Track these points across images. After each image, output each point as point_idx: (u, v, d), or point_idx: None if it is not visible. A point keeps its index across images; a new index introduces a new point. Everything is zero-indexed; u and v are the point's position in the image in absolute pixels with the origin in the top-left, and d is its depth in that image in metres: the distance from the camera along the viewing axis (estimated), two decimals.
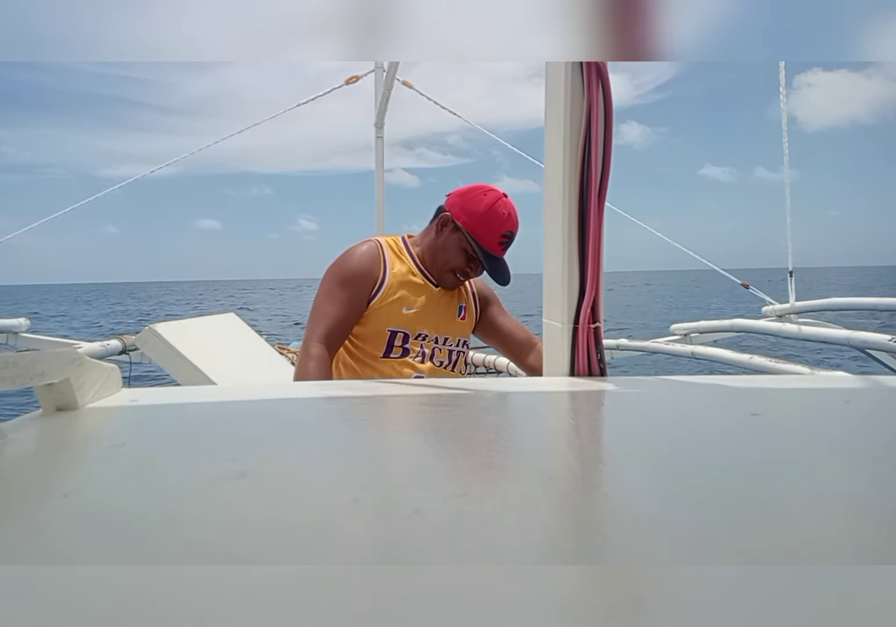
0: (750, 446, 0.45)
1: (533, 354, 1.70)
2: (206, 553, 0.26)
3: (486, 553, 0.26)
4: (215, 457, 0.41)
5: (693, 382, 0.72)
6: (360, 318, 1.51)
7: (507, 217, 1.55)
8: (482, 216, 1.54)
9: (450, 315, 1.63)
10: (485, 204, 1.55)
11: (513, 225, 1.57)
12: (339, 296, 1.49)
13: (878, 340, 2.29)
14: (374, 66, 4.40)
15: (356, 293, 1.50)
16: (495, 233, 1.54)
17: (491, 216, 1.54)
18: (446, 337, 1.59)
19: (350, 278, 1.51)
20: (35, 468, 0.40)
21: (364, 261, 1.53)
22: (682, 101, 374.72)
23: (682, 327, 3.61)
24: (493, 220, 1.55)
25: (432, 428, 0.53)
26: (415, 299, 1.56)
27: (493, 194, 1.57)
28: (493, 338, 1.76)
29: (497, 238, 1.55)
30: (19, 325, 3.33)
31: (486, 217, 1.54)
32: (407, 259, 1.61)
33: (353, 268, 1.52)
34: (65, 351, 0.50)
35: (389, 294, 1.52)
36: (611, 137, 0.81)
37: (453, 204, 1.60)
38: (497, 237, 1.55)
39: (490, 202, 1.56)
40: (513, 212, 1.57)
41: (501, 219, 1.55)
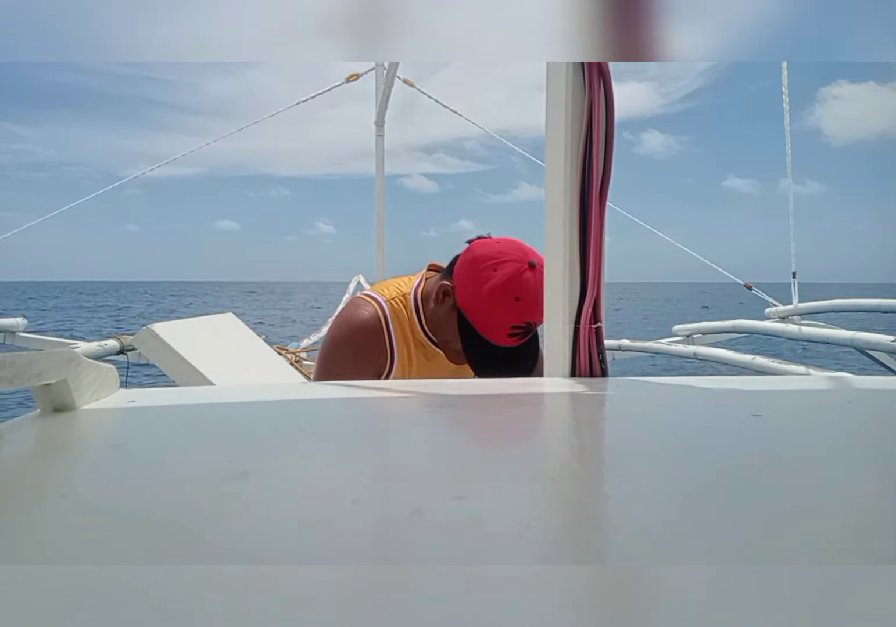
0: (752, 447, 0.45)
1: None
2: (205, 554, 0.26)
3: (486, 553, 0.26)
4: (214, 458, 0.41)
5: (695, 383, 0.72)
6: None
7: (520, 304, 1.13)
8: (484, 301, 1.15)
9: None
10: (491, 284, 1.14)
11: (531, 314, 1.13)
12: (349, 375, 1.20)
13: (880, 341, 2.29)
14: (374, 64, 4.41)
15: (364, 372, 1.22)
16: (501, 323, 1.15)
17: (497, 302, 1.14)
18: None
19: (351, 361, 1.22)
20: (32, 469, 0.40)
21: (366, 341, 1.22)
22: (709, 110, 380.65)
23: (684, 328, 3.62)
24: (500, 308, 1.15)
25: (432, 428, 0.53)
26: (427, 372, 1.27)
27: (509, 268, 1.14)
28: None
29: (504, 330, 1.15)
30: (17, 325, 3.32)
31: (491, 303, 1.15)
32: (416, 328, 1.26)
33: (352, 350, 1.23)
34: (62, 352, 0.50)
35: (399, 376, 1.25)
36: (612, 138, 0.81)
37: (460, 270, 1.20)
38: (504, 329, 1.15)
39: (498, 282, 1.14)
40: (531, 296, 1.11)
41: (512, 308, 1.14)
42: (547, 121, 0.84)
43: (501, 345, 1.17)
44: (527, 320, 1.15)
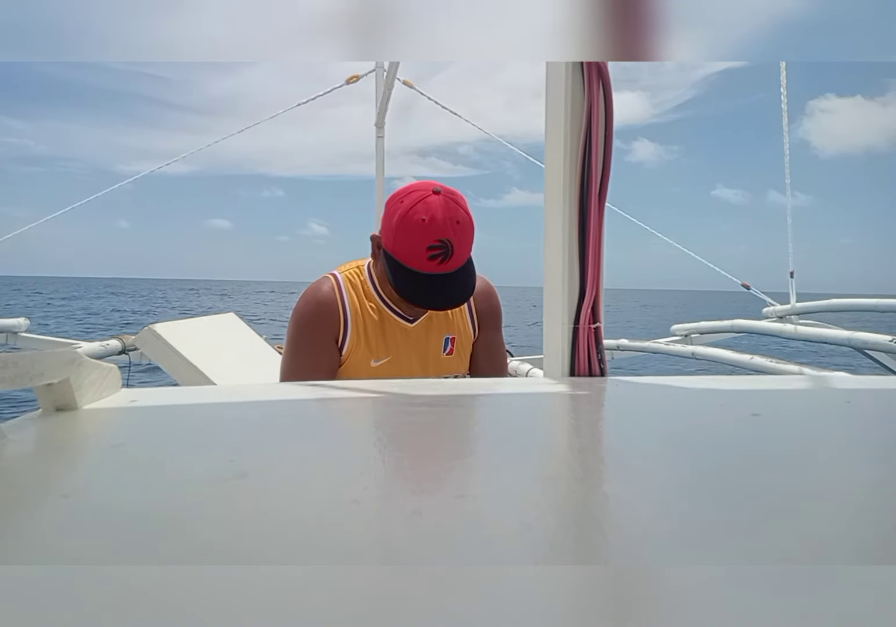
0: (750, 446, 0.45)
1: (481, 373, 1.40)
2: (205, 553, 0.26)
3: (486, 553, 0.26)
4: (215, 457, 0.41)
5: (693, 382, 0.72)
6: (335, 369, 1.28)
7: (427, 224, 1.16)
8: (396, 231, 1.20)
9: (432, 353, 1.33)
10: (399, 214, 1.19)
11: (441, 231, 1.17)
12: (305, 351, 1.27)
13: (878, 341, 2.29)
14: (374, 65, 4.41)
15: (320, 345, 1.27)
16: (417, 248, 1.18)
17: (407, 228, 1.18)
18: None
19: (309, 331, 1.27)
20: (35, 468, 0.40)
21: (320, 310, 1.27)
22: (700, 121, 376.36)
23: (682, 328, 3.62)
24: (411, 233, 1.18)
25: (432, 428, 0.53)
26: (384, 346, 1.29)
27: (413, 196, 1.20)
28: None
29: (422, 254, 1.17)
30: (18, 325, 3.33)
31: (402, 230, 1.19)
32: (371, 293, 1.31)
33: (309, 319, 1.27)
34: (64, 352, 0.50)
35: (354, 346, 1.28)
36: (611, 138, 0.81)
37: (382, 217, 1.27)
38: (422, 253, 1.17)
39: (404, 210, 1.19)
40: (438, 215, 1.17)
41: (420, 228, 1.17)
42: (546, 121, 0.84)
43: (429, 273, 1.19)
44: (439, 238, 1.17)
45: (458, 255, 1.19)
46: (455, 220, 1.18)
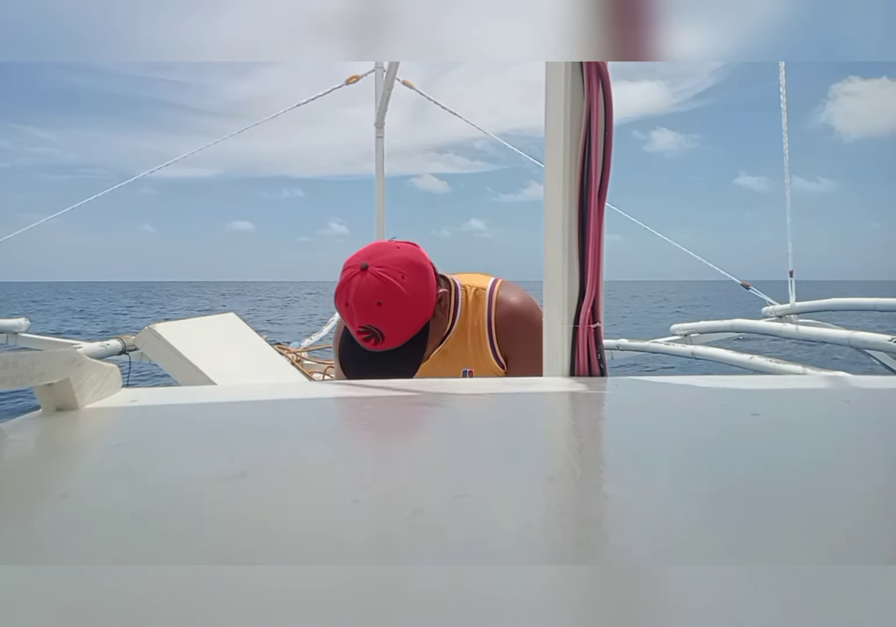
0: (750, 446, 0.45)
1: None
2: (206, 554, 0.26)
3: (486, 553, 0.26)
4: (215, 457, 0.41)
5: (693, 382, 0.72)
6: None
7: (349, 309, 1.12)
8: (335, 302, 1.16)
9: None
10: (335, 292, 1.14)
11: (362, 317, 1.10)
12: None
13: (878, 340, 2.29)
14: (374, 66, 4.41)
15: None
16: (352, 328, 1.15)
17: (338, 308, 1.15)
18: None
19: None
20: (35, 468, 0.40)
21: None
22: (721, 108, 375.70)
23: (682, 327, 3.61)
24: (342, 314, 1.16)
25: (432, 428, 0.53)
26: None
27: (344, 275, 1.13)
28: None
29: (357, 335, 1.14)
30: (19, 325, 3.33)
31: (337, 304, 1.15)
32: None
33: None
34: (64, 352, 0.50)
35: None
36: (611, 137, 0.81)
37: None
38: (356, 333, 1.14)
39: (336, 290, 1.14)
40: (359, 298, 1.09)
41: (345, 312, 1.14)
42: (546, 121, 0.84)
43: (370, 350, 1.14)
44: (361, 325, 1.11)
45: (392, 336, 1.13)
46: (376, 302, 1.09)
